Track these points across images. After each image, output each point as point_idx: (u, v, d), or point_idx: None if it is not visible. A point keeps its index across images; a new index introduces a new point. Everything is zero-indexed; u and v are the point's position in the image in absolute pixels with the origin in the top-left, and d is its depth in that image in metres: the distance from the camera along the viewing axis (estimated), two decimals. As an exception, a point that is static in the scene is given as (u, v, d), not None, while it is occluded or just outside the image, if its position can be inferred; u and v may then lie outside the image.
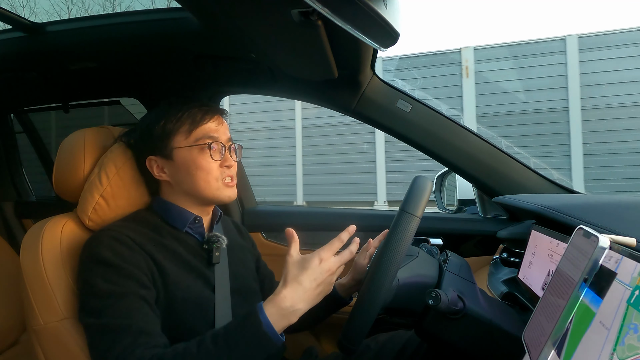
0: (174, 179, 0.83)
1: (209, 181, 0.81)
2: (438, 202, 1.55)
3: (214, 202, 0.85)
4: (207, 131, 0.81)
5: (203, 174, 0.80)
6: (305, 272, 0.66)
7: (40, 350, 0.75)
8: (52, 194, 1.83)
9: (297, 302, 0.65)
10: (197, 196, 0.83)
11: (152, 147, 0.83)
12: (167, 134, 0.81)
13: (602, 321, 0.36)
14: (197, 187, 0.81)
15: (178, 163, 0.81)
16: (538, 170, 1.17)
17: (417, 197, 0.68)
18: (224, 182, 0.83)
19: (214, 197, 0.83)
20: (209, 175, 0.81)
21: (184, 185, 0.82)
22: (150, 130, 0.83)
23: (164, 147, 0.81)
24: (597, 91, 5.33)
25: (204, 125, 0.82)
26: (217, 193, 0.82)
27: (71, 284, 0.75)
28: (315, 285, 0.66)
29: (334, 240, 0.70)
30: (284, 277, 0.67)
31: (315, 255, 0.67)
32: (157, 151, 0.82)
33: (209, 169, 0.81)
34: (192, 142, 0.81)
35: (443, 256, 0.84)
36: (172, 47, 1.07)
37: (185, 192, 0.83)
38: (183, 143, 0.81)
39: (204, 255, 0.83)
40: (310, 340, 1.32)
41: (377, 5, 0.53)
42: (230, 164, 0.83)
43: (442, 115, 1.16)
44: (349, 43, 0.84)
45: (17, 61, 1.18)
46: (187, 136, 0.81)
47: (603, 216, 0.62)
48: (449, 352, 0.72)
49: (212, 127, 0.82)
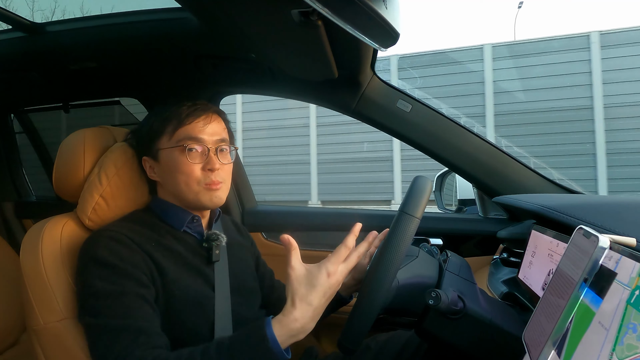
0: (162, 180, 0.82)
1: (189, 184, 0.79)
2: (438, 202, 1.54)
3: (197, 206, 0.82)
4: (189, 132, 0.79)
5: (183, 176, 0.78)
6: (314, 290, 0.63)
7: (40, 350, 0.75)
8: (52, 194, 1.82)
9: (307, 322, 0.63)
10: (181, 199, 0.81)
11: (143, 148, 0.83)
12: (154, 134, 0.81)
13: (601, 321, 0.36)
14: (179, 189, 0.79)
15: (162, 164, 0.81)
16: (538, 170, 1.17)
17: (417, 197, 0.68)
18: (206, 186, 0.79)
19: (197, 201, 0.80)
20: (189, 178, 0.78)
21: (170, 187, 0.81)
22: (141, 130, 0.83)
23: (151, 147, 0.81)
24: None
25: (187, 125, 0.79)
26: (197, 197, 0.79)
27: (71, 284, 0.75)
28: (324, 301, 0.64)
29: (340, 248, 0.67)
30: (291, 296, 0.63)
31: (323, 269, 0.64)
32: (147, 152, 0.82)
33: (189, 171, 0.78)
34: (174, 143, 0.79)
35: (443, 256, 0.84)
36: (172, 47, 1.07)
37: (172, 194, 0.82)
38: (166, 144, 0.80)
39: (204, 254, 0.83)
40: (310, 340, 1.32)
41: (377, 5, 0.53)
42: (213, 167, 0.79)
43: (442, 115, 1.16)
44: (349, 43, 0.84)
45: (17, 61, 1.18)
46: (170, 137, 0.79)
47: (603, 216, 0.61)
48: (449, 352, 0.72)
49: (196, 127, 0.79)
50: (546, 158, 5.42)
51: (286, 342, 0.62)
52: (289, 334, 0.62)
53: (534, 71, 5.69)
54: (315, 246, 1.36)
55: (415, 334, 0.76)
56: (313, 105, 6.51)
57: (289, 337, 0.62)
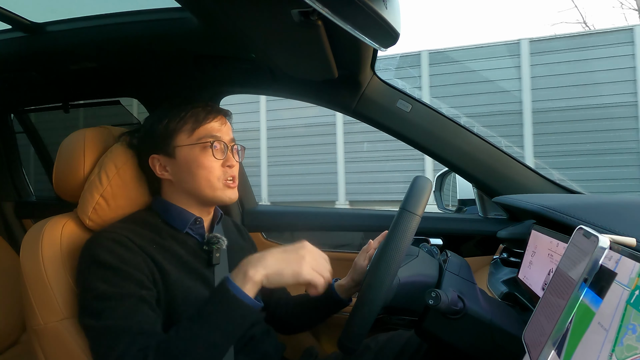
0: (176, 177, 0.83)
1: (210, 180, 0.81)
2: (438, 202, 1.54)
3: (215, 202, 0.85)
4: (209, 130, 0.82)
5: (205, 172, 0.81)
6: (282, 247, 0.70)
7: (40, 350, 0.75)
8: (52, 194, 1.82)
9: (256, 257, 0.67)
10: (198, 195, 0.83)
11: (155, 146, 0.83)
12: (171, 132, 0.82)
13: (601, 322, 0.36)
14: (199, 186, 0.81)
15: (180, 161, 0.81)
16: (538, 170, 1.17)
17: (417, 196, 0.68)
18: (225, 183, 0.83)
19: (215, 197, 0.82)
20: (210, 174, 0.81)
21: (186, 184, 0.82)
22: (153, 129, 0.83)
23: (166, 145, 0.82)
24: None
25: (207, 124, 0.82)
26: (217, 193, 0.82)
27: (71, 284, 0.75)
28: (282, 250, 0.69)
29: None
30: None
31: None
32: (159, 150, 0.83)
33: (211, 167, 0.81)
34: (194, 140, 0.81)
35: (443, 256, 0.84)
36: (172, 47, 1.07)
37: (186, 191, 0.83)
38: (186, 141, 0.81)
39: (204, 257, 0.83)
40: (310, 340, 1.32)
41: (377, 5, 0.53)
42: (232, 163, 0.84)
43: (442, 115, 1.16)
44: (349, 43, 0.84)
45: (17, 61, 1.18)
46: (190, 135, 0.81)
47: (603, 216, 0.62)
48: (449, 352, 0.72)
49: (215, 126, 0.83)
50: (589, 157, 5.16)
51: (244, 284, 0.64)
52: (241, 273, 0.65)
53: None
54: (316, 246, 1.36)
55: (415, 334, 0.76)
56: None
57: (242, 276, 0.65)
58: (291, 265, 0.67)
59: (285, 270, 0.66)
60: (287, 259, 0.68)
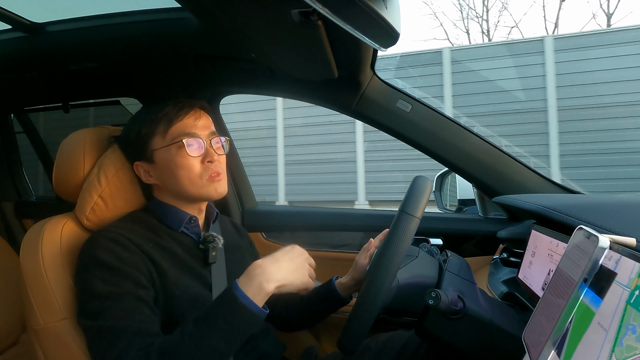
0: (161, 181, 0.82)
1: (192, 179, 0.79)
2: (438, 202, 1.54)
3: (203, 199, 0.84)
4: (182, 128, 0.79)
5: (185, 172, 0.79)
6: (280, 252, 0.71)
7: (40, 350, 0.75)
8: (52, 194, 1.82)
9: (267, 267, 0.67)
10: (185, 196, 0.82)
11: (134, 153, 0.83)
12: (145, 137, 0.80)
13: (601, 322, 0.36)
14: (182, 186, 0.80)
15: (160, 165, 0.80)
16: (538, 170, 1.17)
17: (416, 197, 0.68)
18: (209, 178, 0.80)
19: (201, 195, 0.81)
20: (190, 173, 0.79)
21: (171, 186, 0.81)
22: (129, 137, 0.83)
23: (144, 151, 0.81)
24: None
25: (179, 122, 0.80)
26: (203, 190, 0.80)
27: (71, 284, 0.75)
28: (287, 259, 0.70)
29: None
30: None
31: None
32: (140, 156, 0.82)
33: (190, 166, 0.79)
34: (169, 141, 0.79)
35: (443, 256, 0.84)
36: (172, 47, 1.07)
37: (173, 193, 0.82)
38: (160, 144, 0.80)
39: (200, 255, 0.83)
40: (310, 340, 1.32)
41: (377, 5, 0.53)
42: (212, 158, 0.80)
43: (442, 115, 1.16)
44: (349, 43, 0.84)
45: (17, 61, 1.18)
46: (164, 136, 0.80)
47: (603, 216, 0.61)
48: (449, 352, 0.72)
49: (188, 123, 0.80)
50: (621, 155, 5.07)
51: (255, 295, 0.64)
52: (254, 284, 0.65)
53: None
54: (316, 246, 1.36)
55: (415, 334, 0.76)
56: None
57: (255, 288, 0.64)
58: (299, 274, 0.71)
59: (296, 281, 0.70)
60: (295, 269, 0.70)
